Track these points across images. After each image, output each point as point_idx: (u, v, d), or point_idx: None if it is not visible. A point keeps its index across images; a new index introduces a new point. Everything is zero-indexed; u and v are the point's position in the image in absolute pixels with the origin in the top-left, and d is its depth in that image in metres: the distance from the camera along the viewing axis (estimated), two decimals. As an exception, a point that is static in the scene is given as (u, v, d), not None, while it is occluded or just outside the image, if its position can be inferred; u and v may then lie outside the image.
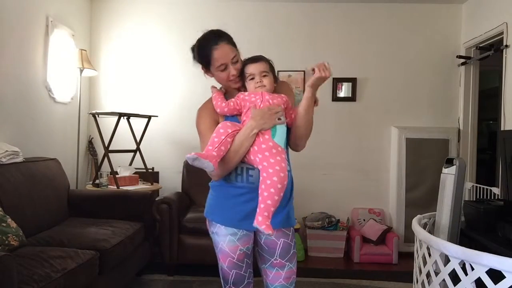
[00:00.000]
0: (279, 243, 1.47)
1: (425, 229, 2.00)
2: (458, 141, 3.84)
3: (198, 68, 1.60)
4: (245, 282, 1.49)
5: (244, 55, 1.56)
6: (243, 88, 1.52)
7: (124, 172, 3.52)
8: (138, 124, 3.68)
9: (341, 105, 3.92)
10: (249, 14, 3.95)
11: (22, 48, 2.92)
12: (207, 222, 1.53)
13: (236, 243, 1.44)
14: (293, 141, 1.50)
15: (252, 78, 1.47)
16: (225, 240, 1.45)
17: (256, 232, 1.49)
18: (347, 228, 3.73)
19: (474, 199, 3.30)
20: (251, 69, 1.47)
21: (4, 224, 2.01)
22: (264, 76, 1.47)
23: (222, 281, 1.52)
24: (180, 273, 3.12)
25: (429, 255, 1.74)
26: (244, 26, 3.93)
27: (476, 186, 3.40)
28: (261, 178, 1.33)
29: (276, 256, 1.47)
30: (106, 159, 3.39)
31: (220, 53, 1.46)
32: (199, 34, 1.55)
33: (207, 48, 1.47)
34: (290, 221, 1.49)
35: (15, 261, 1.57)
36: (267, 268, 1.50)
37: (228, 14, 3.94)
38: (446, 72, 3.90)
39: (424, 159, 3.79)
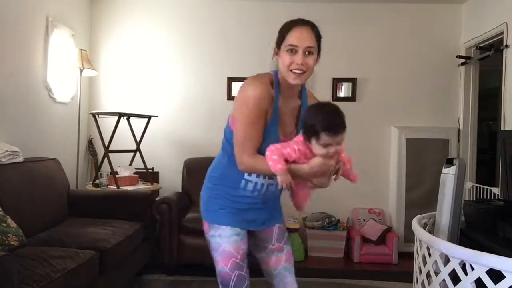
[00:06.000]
0: (274, 228, 1.57)
1: (425, 229, 2.00)
2: (458, 141, 3.84)
3: (197, 69, 1.60)
4: (246, 284, 1.47)
5: (244, 55, 1.55)
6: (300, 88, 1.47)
7: (124, 172, 3.52)
8: (138, 124, 3.68)
9: (341, 105, 3.78)
10: (249, 14, 3.95)
11: (22, 48, 2.92)
12: (206, 226, 1.52)
13: (240, 243, 1.46)
14: None
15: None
16: (230, 241, 1.45)
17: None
18: (347, 228, 3.73)
19: (474, 199, 3.30)
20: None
21: (4, 224, 2.01)
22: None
23: (221, 286, 1.48)
24: (180, 273, 3.11)
25: (429, 255, 1.74)
26: (244, 26, 3.92)
27: (476, 186, 3.40)
28: None
29: (274, 241, 1.55)
30: (106, 159, 3.39)
31: (298, 33, 1.37)
32: (199, 34, 1.55)
33: (292, 23, 1.41)
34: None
35: (15, 261, 1.57)
36: (266, 256, 1.57)
37: (228, 14, 3.93)
38: (446, 72, 3.90)
39: (424, 159, 3.79)
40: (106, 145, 3.40)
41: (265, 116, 1.38)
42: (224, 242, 1.45)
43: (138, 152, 3.66)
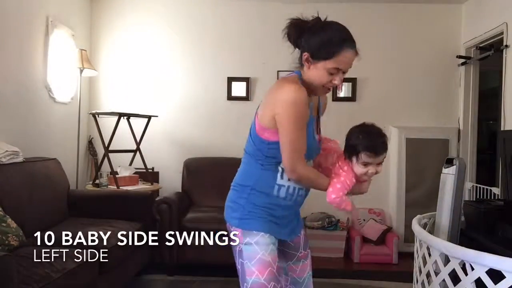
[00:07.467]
0: (301, 236, 1.56)
1: (425, 229, 2.00)
2: (458, 141, 3.84)
3: (197, 68, 1.59)
4: None
5: (244, 55, 1.52)
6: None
7: (124, 172, 3.52)
8: (138, 124, 3.68)
9: (341, 105, 3.91)
10: (250, 13, 3.95)
11: (22, 48, 2.92)
12: (240, 234, 1.40)
13: (276, 253, 1.39)
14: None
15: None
16: (268, 250, 1.36)
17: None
18: (347, 228, 3.73)
19: (474, 199, 3.30)
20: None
21: (4, 224, 2.01)
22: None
23: None
24: (180, 273, 3.11)
25: (429, 255, 1.74)
26: (245, 26, 3.92)
27: (476, 186, 3.40)
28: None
29: (301, 249, 1.54)
30: (106, 159, 3.39)
31: (348, 58, 1.33)
32: (200, 34, 1.53)
33: (342, 43, 1.35)
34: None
35: (15, 261, 1.57)
36: (293, 264, 1.54)
37: (229, 13, 3.93)
38: (446, 72, 3.90)
39: (424, 159, 3.79)
40: (106, 145, 3.40)
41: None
42: (262, 250, 1.35)
43: (138, 152, 3.66)
